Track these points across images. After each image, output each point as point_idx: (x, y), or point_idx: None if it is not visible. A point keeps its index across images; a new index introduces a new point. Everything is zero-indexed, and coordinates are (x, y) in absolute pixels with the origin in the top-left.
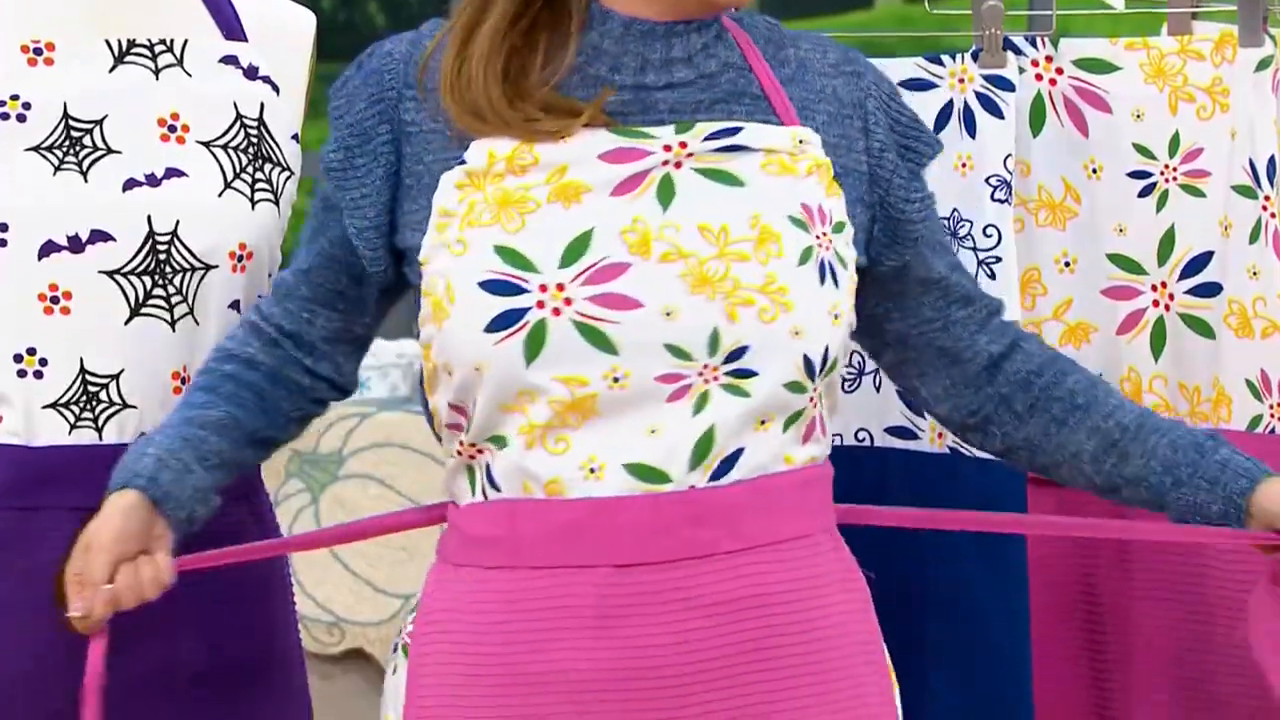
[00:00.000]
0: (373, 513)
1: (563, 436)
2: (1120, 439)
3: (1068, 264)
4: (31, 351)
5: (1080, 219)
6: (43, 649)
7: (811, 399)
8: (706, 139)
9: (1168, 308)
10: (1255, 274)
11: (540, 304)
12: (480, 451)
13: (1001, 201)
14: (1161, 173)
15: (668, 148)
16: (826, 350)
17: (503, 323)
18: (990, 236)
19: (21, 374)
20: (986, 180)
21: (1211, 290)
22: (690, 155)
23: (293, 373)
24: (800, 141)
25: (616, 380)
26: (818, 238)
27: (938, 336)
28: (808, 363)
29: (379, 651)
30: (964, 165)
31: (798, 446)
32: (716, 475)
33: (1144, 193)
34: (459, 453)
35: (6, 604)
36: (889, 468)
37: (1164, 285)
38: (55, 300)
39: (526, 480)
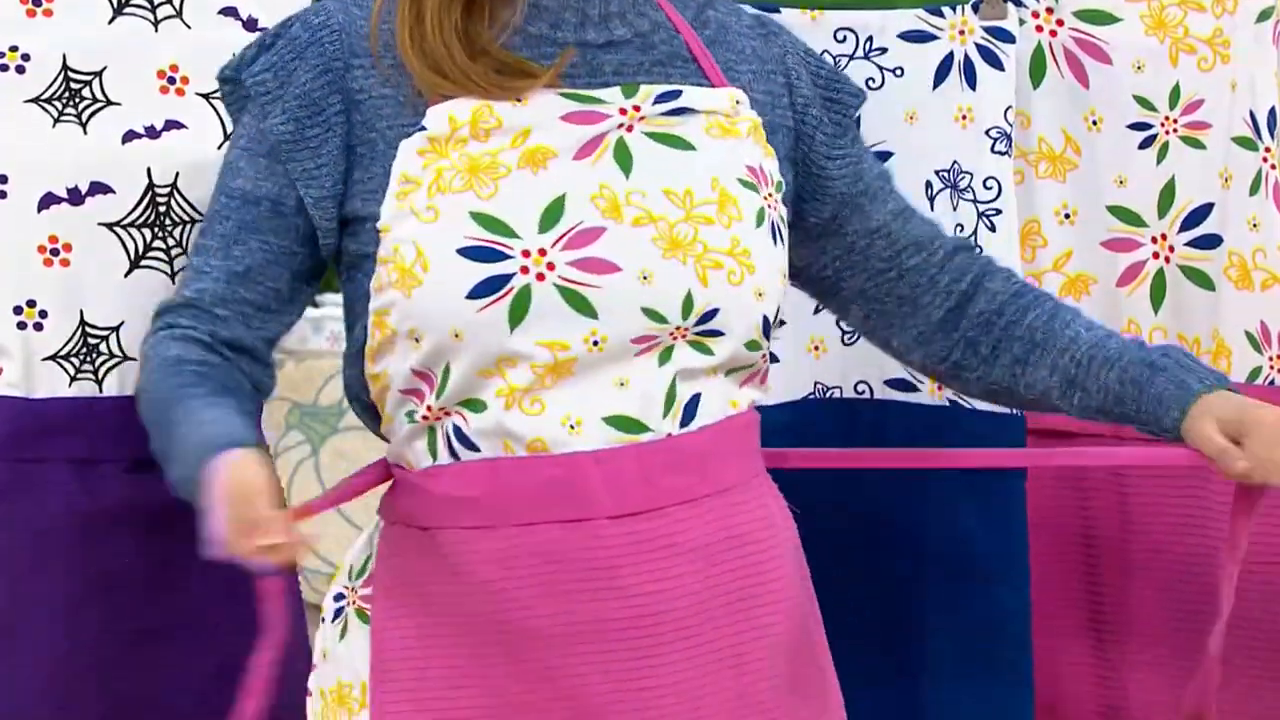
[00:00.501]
0: None
1: (537, 398)
2: (1076, 374)
3: (1068, 216)
4: (31, 303)
5: (1080, 171)
6: (47, 599)
7: (762, 355)
8: (655, 102)
9: (1168, 260)
10: (1255, 226)
11: (524, 269)
12: (446, 414)
13: (1001, 153)
14: (1162, 124)
15: (622, 110)
16: (778, 310)
17: (485, 289)
18: (990, 189)
19: (21, 326)
20: (986, 132)
21: (1211, 242)
22: (641, 119)
23: (244, 382)
24: (736, 102)
25: (596, 344)
26: (766, 198)
27: (894, 286)
28: (765, 322)
29: None
30: (964, 117)
31: (740, 391)
32: (685, 422)
33: (1144, 144)
34: (423, 418)
35: (9, 556)
36: (888, 420)
37: (1164, 237)
38: (55, 252)
39: (507, 439)
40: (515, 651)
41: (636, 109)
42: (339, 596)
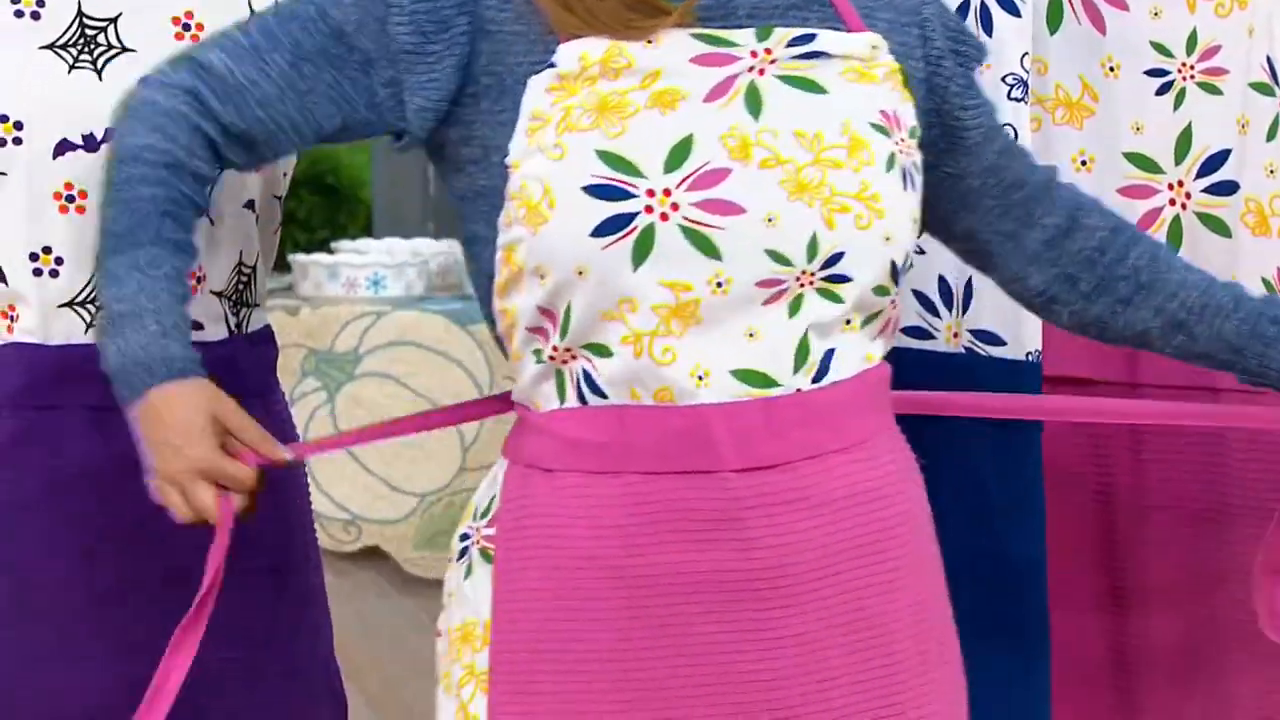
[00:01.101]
0: (389, 412)
1: (668, 347)
2: (1186, 320)
3: (1084, 163)
4: (47, 250)
5: (1097, 117)
6: (66, 547)
7: (892, 301)
8: (789, 45)
9: (1184, 206)
10: (1272, 172)
11: (648, 209)
12: (574, 357)
13: (1018, 100)
14: (1179, 70)
15: (754, 54)
16: (908, 255)
17: (610, 227)
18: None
19: (37, 273)
20: (1003, 79)
21: (1228, 189)
22: (774, 62)
23: (201, 194)
24: (874, 47)
25: (719, 286)
26: (898, 143)
27: (999, 223)
28: (894, 267)
29: (394, 549)
30: None
31: (873, 344)
32: (817, 378)
33: (1161, 91)
34: (550, 358)
35: (30, 503)
36: (903, 367)
37: (1181, 184)
38: (70, 199)
39: (635, 387)
40: (637, 597)
41: (769, 52)
42: (464, 537)
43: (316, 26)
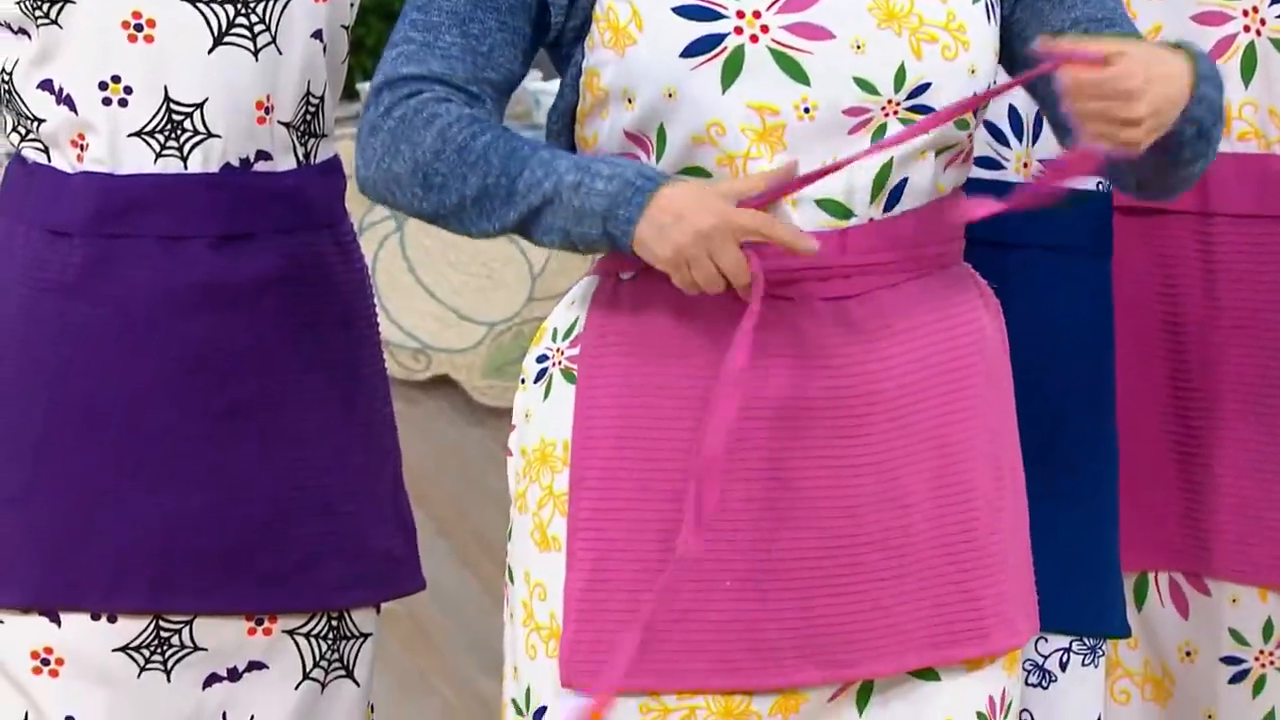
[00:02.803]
0: (457, 241)
1: (761, 170)
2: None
3: None
4: (116, 79)
5: None
6: (136, 375)
7: (969, 134)
8: None
9: (1259, 32)
10: None
11: (738, 30)
12: None
13: None
14: None
15: None
16: (988, 87)
17: (700, 47)
18: None
19: (106, 102)
20: None
21: None
22: None
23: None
24: None
25: (806, 111)
26: None
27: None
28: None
29: (464, 377)
30: None
31: (946, 174)
32: (889, 206)
33: None
34: None
35: (101, 331)
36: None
37: (1255, 10)
38: (139, 28)
39: None
40: (740, 419)
41: None
42: (542, 358)
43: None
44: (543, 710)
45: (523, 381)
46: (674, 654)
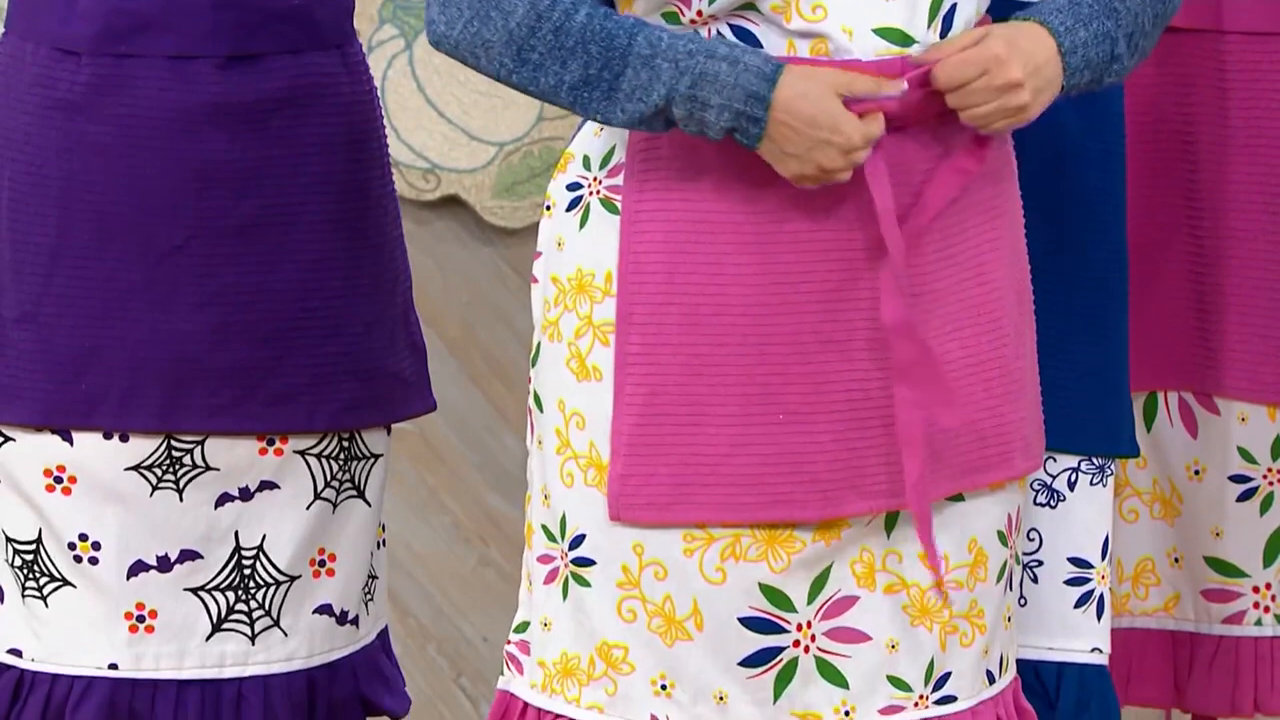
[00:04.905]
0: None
1: (817, 4)
2: None
3: None
4: None
5: None
6: (143, 192)
7: None
8: None
9: None
10: None
11: None
12: (715, 20)
13: None
14: None
15: None
16: None
17: None
18: None
19: None
20: None
21: None
22: None
23: None
24: None
25: None
26: None
27: None
28: None
29: (473, 198)
30: None
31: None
32: (944, 31)
33: None
34: (691, 22)
35: (109, 149)
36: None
37: None
38: None
39: (791, 39)
40: (770, 253)
41: None
42: (574, 186)
43: None
44: (581, 538)
45: (548, 208)
46: (724, 488)
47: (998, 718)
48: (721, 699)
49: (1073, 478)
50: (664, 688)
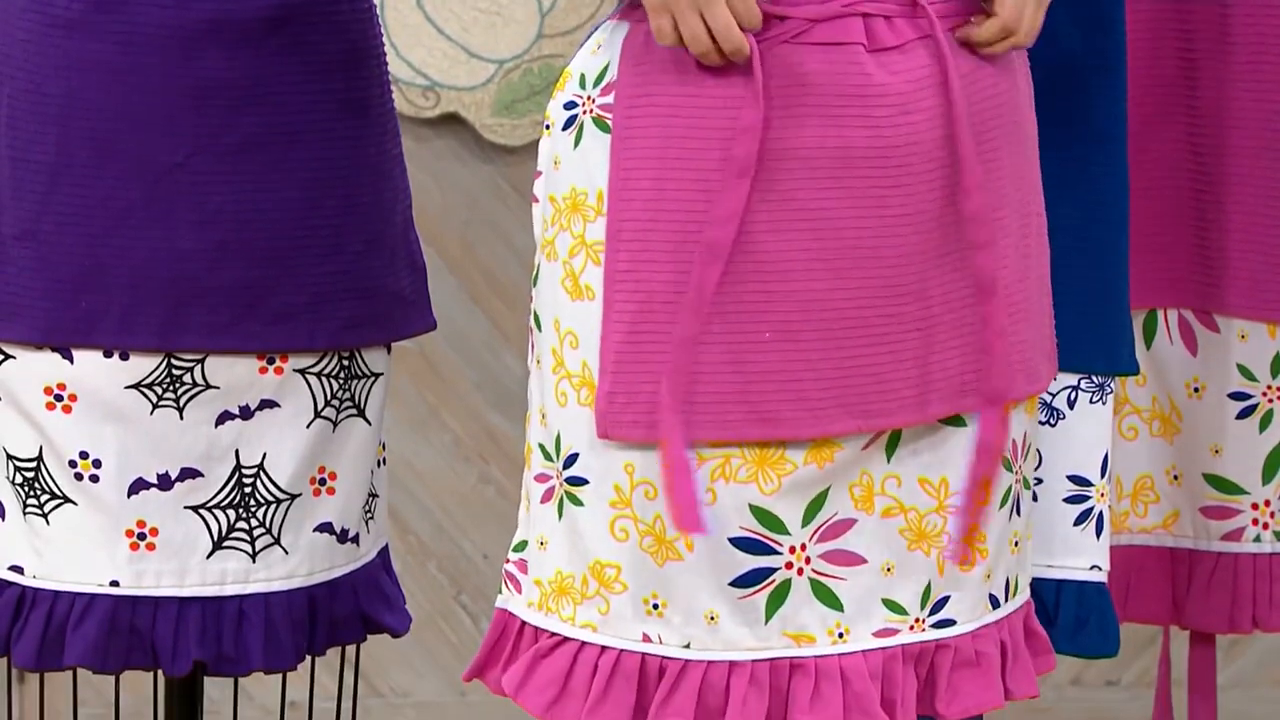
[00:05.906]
0: None
1: None
2: None
3: None
4: None
5: None
6: (141, 109)
7: None
8: None
9: None
10: None
11: None
12: None
13: None
14: None
15: None
16: None
17: None
18: None
19: None
20: None
21: None
22: None
23: None
24: None
25: None
26: None
27: None
28: None
29: (472, 115)
30: None
31: None
32: None
33: None
34: None
35: (108, 65)
36: None
37: None
38: None
39: None
40: (760, 170)
41: None
42: (570, 105)
43: None
44: (574, 458)
45: (547, 127)
46: (711, 405)
47: (1001, 643)
48: (712, 619)
49: (1072, 396)
50: (655, 607)
